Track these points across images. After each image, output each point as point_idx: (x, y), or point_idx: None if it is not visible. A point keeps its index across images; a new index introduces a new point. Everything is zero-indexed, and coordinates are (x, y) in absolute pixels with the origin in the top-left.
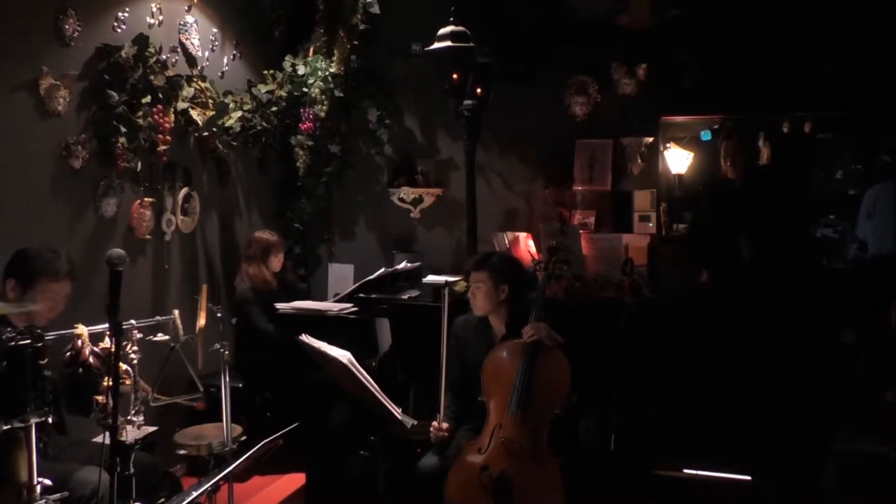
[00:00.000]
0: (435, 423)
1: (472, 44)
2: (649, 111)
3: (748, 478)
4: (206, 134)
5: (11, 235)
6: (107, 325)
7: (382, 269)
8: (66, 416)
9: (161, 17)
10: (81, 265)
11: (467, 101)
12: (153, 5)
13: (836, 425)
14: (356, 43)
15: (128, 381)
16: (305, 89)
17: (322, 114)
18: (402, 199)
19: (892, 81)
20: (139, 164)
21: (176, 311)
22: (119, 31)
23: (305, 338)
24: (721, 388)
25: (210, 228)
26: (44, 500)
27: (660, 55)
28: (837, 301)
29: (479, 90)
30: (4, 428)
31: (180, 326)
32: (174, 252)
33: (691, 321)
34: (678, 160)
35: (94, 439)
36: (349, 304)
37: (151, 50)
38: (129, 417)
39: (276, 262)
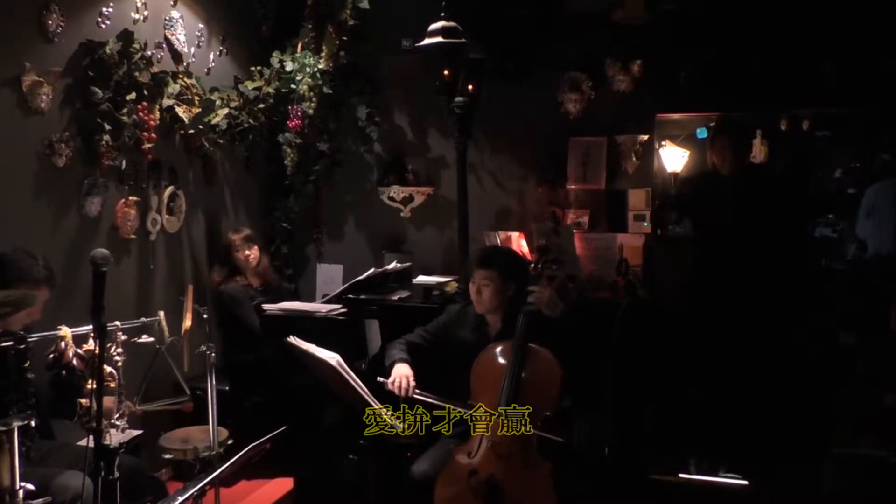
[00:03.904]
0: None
1: (463, 39)
2: (644, 108)
3: (745, 482)
4: (191, 131)
5: None
6: (91, 327)
7: (372, 270)
8: (52, 420)
9: (146, 13)
10: (64, 265)
11: (458, 98)
12: (138, 0)
13: (835, 428)
14: (345, 39)
15: (112, 384)
16: (293, 86)
17: (310, 111)
18: (391, 198)
19: (891, 78)
20: (124, 162)
21: (161, 313)
22: (103, 26)
23: (294, 339)
24: (718, 390)
25: (196, 228)
26: None
27: (655, 51)
28: (836, 302)
29: (470, 87)
30: None
31: (166, 328)
32: (159, 252)
33: (688, 322)
34: (674, 158)
35: (79, 443)
36: (338, 306)
37: (136, 46)
38: (113, 421)
39: (244, 258)
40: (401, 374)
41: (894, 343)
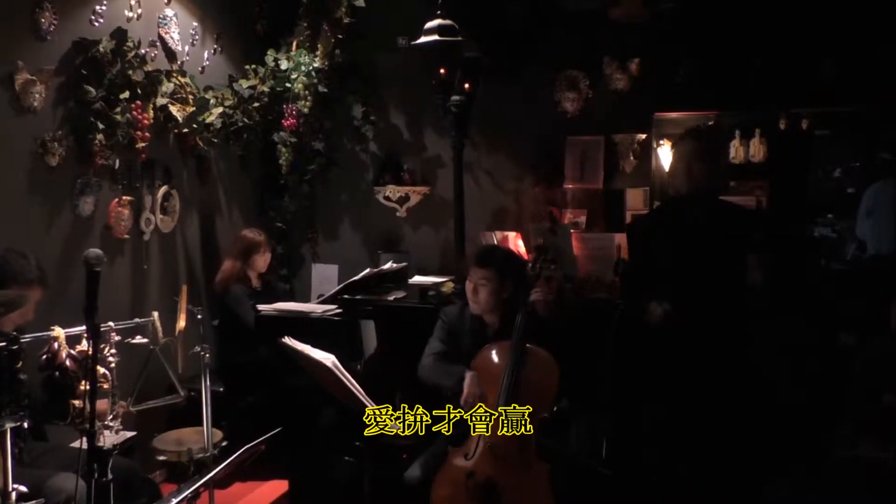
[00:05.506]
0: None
1: (459, 38)
2: (642, 107)
3: (744, 483)
4: (186, 130)
5: None
6: (84, 328)
7: (367, 270)
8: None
9: (140, 11)
10: (58, 265)
11: (455, 97)
12: None
13: (835, 430)
14: (340, 37)
15: (105, 385)
16: (288, 84)
17: (305, 110)
18: (387, 198)
19: (891, 77)
20: (117, 161)
21: (155, 313)
22: (96, 24)
23: (288, 340)
24: (717, 391)
25: (190, 228)
26: None
27: (653, 50)
28: (836, 302)
29: (466, 85)
30: None
31: (160, 328)
32: (153, 252)
33: (685, 322)
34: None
35: (72, 444)
36: (333, 306)
37: (130, 44)
38: (106, 422)
39: (262, 261)
40: (474, 392)
41: (894, 343)
